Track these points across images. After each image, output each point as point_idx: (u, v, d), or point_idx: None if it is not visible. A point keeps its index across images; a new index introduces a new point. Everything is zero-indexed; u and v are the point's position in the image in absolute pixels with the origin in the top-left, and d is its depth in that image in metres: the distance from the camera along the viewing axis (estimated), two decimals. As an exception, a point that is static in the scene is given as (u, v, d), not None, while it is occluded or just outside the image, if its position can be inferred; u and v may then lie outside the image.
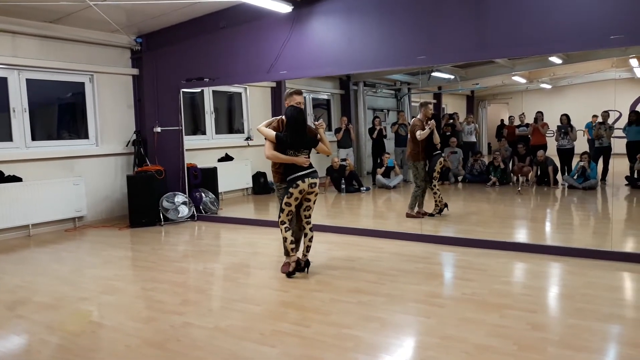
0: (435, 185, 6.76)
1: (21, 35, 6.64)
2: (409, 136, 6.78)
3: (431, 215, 6.76)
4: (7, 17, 6.38)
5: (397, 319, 3.48)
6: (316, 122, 4.48)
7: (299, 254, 4.53)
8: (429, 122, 6.56)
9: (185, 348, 3.11)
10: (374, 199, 9.15)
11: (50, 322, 3.62)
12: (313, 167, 4.39)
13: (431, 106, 6.80)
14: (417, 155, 6.67)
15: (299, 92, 4.43)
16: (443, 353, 2.90)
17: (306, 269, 4.48)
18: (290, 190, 4.29)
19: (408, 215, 6.76)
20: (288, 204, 4.35)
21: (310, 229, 4.49)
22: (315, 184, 4.35)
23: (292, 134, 4.28)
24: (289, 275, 4.43)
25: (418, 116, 6.75)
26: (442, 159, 6.82)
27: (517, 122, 10.20)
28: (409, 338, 3.22)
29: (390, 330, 3.30)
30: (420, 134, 6.52)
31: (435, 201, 6.81)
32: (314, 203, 4.47)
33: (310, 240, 4.49)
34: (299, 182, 4.28)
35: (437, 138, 6.69)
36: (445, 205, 6.83)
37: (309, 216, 4.48)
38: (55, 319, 3.69)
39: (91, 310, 3.87)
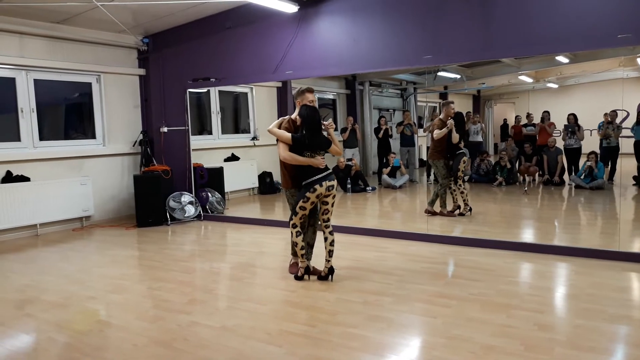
0: (460, 185, 6.76)
1: (29, 35, 6.68)
2: (430, 135, 6.79)
3: (445, 214, 6.75)
4: (15, 17, 6.43)
5: (404, 318, 3.48)
6: (325, 122, 4.34)
7: (307, 259, 4.46)
8: (447, 121, 6.57)
9: (192, 347, 3.12)
10: (380, 199, 9.14)
11: (59, 321, 3.64)
12: (329, 169, 4.24)
13: (453, 106, 6.78)
14: (437, 154, 6.69)
15: (310, 90, 4.26)
16: (449, 353, 2.90)
17: (330, 277, 4.31)
18: (307, 194, 4.13)
19: (442, 214, 6.78)
20: (303, 208, 4.20)
21: (331, 233, 4.29)
22: (332, 186, 4.18)
23: (310, 134, 4.15)
24: (298, 278, 4.39)
25: (440, 116, 6.74)
26: (465, 158, 6.80)
27: (524, 122, 10.15)
28: (415, 338, 3.22)
29: (396, 330, 3.30)
30: (436, 133, 6.56)
31: (463, 200, 6.81)
32: (332, 206, 4.27)
33: (332, 244, 4.28)
34: (317, 186, 4.12)
35: (455, 137, 6.68)
36: (459, 207, 6.82)
37: (328, 219, 4.29)
38: (63, 317, 3.72)
39: (99, 309, 3.90)
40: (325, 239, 4.30)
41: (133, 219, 7.44)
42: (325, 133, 4.35)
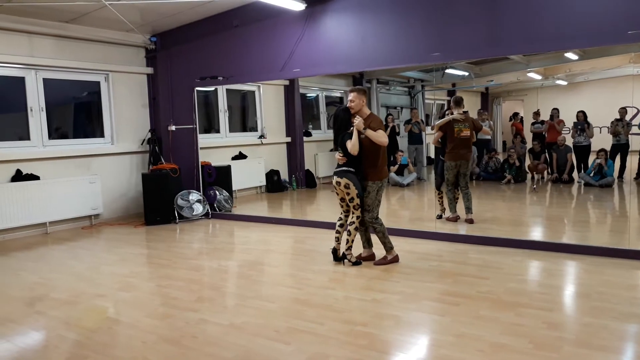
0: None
1: (38, 35, 6.73)
2: (468, 134, 6.36)
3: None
4: (24, 17, 6.46)
5: (411, 316, 3.48)
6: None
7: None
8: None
9: (200, 344, 3.14)
10: (387, 197, 9.11)
11: (68, 319, 3.67)
12: (344, 167, 4.57)
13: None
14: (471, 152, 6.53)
15: (351, 90, 4.61)
16: (457, 351, 2.89)
17: (342, 261, 4.76)
18: None
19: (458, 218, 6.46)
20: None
21: (350, 224, 4.66)
22: (339, 182, 4.58)
23: (334, 132, 4.70)
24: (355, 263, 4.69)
25: (461, 111, 6.35)
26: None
27: (532, 120, 10.06)
28: (423, 336, 3.22)
29: (404, 328, 3.29)
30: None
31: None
32: (347, 203, 4.67)
33: (348, 233, 4.69)
34: (333, 177, 4.66)
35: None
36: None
37: (348, 215, 4.72)
38: (72, 315, 3.75)
39: (108, 307, 3.92)
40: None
41: (141, 217, 7.48)
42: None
